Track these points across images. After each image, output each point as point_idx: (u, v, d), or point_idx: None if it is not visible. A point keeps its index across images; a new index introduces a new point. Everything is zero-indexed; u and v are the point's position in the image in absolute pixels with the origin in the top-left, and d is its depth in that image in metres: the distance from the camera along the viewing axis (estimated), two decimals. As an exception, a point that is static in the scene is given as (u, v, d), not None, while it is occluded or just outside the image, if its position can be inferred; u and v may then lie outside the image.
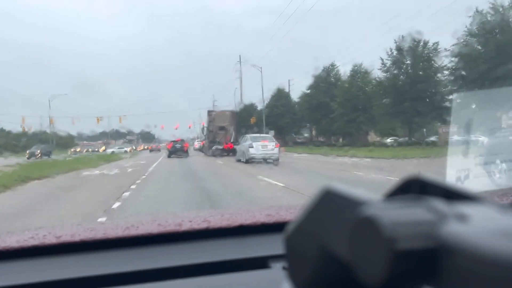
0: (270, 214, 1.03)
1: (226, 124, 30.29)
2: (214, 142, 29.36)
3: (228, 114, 31.86)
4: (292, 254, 0.37)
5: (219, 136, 29.62)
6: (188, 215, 1.11)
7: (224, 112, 32.75)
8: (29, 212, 7.28)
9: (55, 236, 0.91)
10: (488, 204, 0.29)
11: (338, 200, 0.32)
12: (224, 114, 31.80)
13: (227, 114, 31.61)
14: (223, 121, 30.41)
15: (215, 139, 29.56)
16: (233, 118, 31.38)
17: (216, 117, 31.19)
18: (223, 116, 31.22)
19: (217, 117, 31.01)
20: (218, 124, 30.32)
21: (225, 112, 32.49)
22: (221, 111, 33.21)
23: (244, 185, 10.51)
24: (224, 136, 29.54)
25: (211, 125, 31.20)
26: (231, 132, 29.94)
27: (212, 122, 30.94)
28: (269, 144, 19.19)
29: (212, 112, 32.78)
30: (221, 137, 29.48)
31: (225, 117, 31.03)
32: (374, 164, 16.96)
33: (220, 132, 29.88)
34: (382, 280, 0.26)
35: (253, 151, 18.78)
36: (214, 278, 0.77)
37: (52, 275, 0.78)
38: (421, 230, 0.26)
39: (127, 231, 0.94)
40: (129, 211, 6.93)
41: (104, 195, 9.18)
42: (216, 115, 31.62)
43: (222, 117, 30.99)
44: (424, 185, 0.32)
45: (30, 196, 10.02)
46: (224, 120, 30.61)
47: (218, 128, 30.08)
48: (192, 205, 7.40)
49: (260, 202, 7.40)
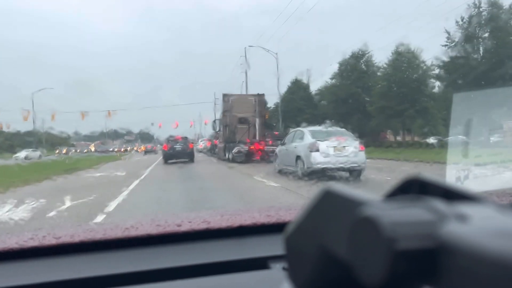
0: (270, 215, 1.03)
1: (250, 115, 20.54)
2: (232, 140, 20.10)
3: (252, 99, 21.30)
4: (292, 254, 0.37)
5: (239, 133, 20.14)
6: (187, 216, 1.11)
7: (246, 96, 22.36)
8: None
9: (55, 237, 0.91)
10: (487, 204, 0.29)
11: (338, 200, 0.32)
12: (246, 99, 21.56)
13: (250, 100, 21.25)
14: (246, 110, 20.61)
15: (234, 136, 20.20)
16: (260, 106, 21.13)
17: (235, 104, 20.98)
18: (245, 102, 21.14)
19: (237, 104, 20.95)
20: (238, 114, 20.62)
21: (248, 97, 21.95)
22: (242, 95, 23.26)
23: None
24: (246, 132, 20.16)
25: (227, 116, 21.10)
26: (257, 126, 20.38)
27: (229, 111, 20.89)
28: (349, 144, 10.63)
29: (229, 97, 21.50)
30: (242, 133, 20.05)
31: (248, 104, 20.97)
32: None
33: (241, 126, 20.34)
34: (382, 280, 0.26)
35: (318, 156, 10.33)
36: (214, 278, 0.77)
37: (51, 276, 0.77)
38: (421, 230, 0.26)
39: (126, 232, 0.94)
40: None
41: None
42: (235, 101, 21.22)
43: (244, 103, 21.00)
44: (423, 185, 0.32)
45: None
46: (247, 108, 20.69)
47: (237, 120, 20.51)
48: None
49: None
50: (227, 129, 21.07)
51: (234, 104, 21.03)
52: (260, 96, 21.77)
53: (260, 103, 21.37)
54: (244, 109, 20.69)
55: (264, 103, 22.44)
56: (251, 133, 20.25)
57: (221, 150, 22.65)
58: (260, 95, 21.83)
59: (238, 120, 20.58)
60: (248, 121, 20.47)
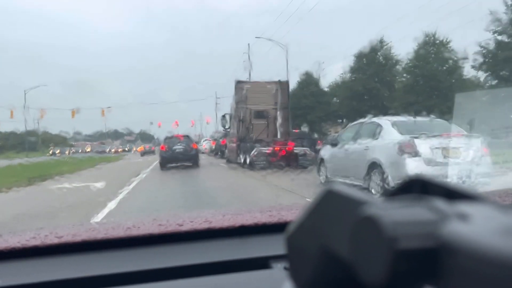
0: (272, 215, 1.03)
1: (270, 107, 16.61)
2: (247, 140, 16.07)
3: (272, 87, 16.81)
4: (294, 254, 0.37)
5: (256, 130, 16.27)
6: (189, 216, 1.11)
7: (265, 84, 17.24)
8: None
9: (57, 236, 0.91)
10: (489, 203, 0.29)
11: (339, 200, 0.32)
12: (265, 88, 16.92)
13: (270, 88, 16.80)
14: (264, 101, 16.63)
15: (249, 134, 16.22)
16: (282, 95, 16.78)
17: (250, 93, 16.72)
18: (264, 91, 16.75)
19: (253, 94, 16.71)
20: (255, 106, 16.58)
21: (267, 85, 17.05)
22: (259, 83, 17.83)
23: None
24: (264, 129, 16.33)
25: (241, 109, 16.88)
26: (278, 120, 16.39)
27: (244, 103, 16.73)
28: (466, 144, 6.55)
29: (244, 85, 17.40)
30: (259, 131, 16.18)
31: (267, 93, 16.69)
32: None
33: (259, 121, 16.42)
34: (384, 280, 0.26)
35: (417, 164, 6.37)
36: (216, 278, 0.77)
37: (53, 275, 0.78)
38: (422, 229, 0.26)
39: (128, 231, 0.94)
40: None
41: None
42: (251, 90, 16.91)
43: (262, 93, 16.69)
44: (425, 184, 0.32)
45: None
46: (266, 98, 16.67)
47: (254, 114, 16.51)
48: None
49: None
50: (240, 125, 16.69)
51: (249, 94, 16.65)
52: (282, 83, 17.15)
53: (283, 92, 16.84)
54: (262, 100, 16.59)
55: (287, 93, 17.33)
56: (271, 130, 16.29)
57: (232, 151, 17.89)
58: (283, 83, 17.27)
59: (255, 114, 16.47)
60: (267, 115, 16.45)
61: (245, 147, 15.84)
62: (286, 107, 17.03)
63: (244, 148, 15.84)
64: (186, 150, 16.96)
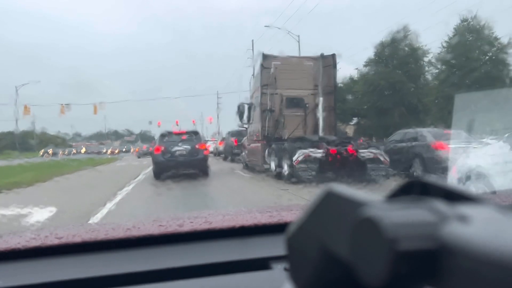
0: (272, 215, 1.03)
1: (308, 92, 12.30)
2: (276, 137, 11.81)
3: (311, 64, 12.51)
4: (294, 255, 0.37)
5: (289, 124, 11.99)
6: (189, 216, 1.11)
7: (301, 61, 12.91)
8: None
9: (57, 237, 0.91)
10: (489, 205, 0.29)
11: (340, 201, 0.32)
12: (301, 65, 12.52)
13: (308, 67, 12.48)
14: (300, 85, 12.23)
15: (280, 130, 12.02)
16: (326, 76, 12.37)
17: (281, 73, 12.14)
18: (299, 71, 12.33)
19: (285, 74, 12.15)
20: (288, 91, 12.23)
21: (304, 61, 12.77)
22: (293, 59, 13.24)
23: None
24: (301, 123, 12.16)
25: (267, 95, 12.18)
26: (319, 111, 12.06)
27: (271, 87, 12.14)
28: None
29: (271, 61, 12.33)
30: (294, 125, 11.97)
31: (303, 73, 12.33)
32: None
33: (293, 112, 12.19)
34: (383, 281, 0.26)
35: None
36: (215, 279, 0.77)
37: (53, 276, 0.78)
38: (422, 231, 0.26)
39: (128, 232, 0.94)
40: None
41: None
42: (282, 68, 12.21)
43: (298, 72, 12.26)
44: (425, 186, 0.32)
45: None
46: (303, 81, 12.28)
47: (286, 102, 12.20)
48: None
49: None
50: (268, 117, 11.94)
51: (280, 74, 11.94)
52: (325, 59, 12.29)
53: (326, 71, 12.17)
54: (298, 82, 12.05)
55: (332, 72, 12.42)
56: (310, 124, 12.07)
57: (254, 154, 12.89)
58: (326, 58, 12.32)
59: (288, 102, 12.05)
60: (303, 104, 12.04)
61: (279, 149, 10.84)
62: (331, 92, 12.34)
63: (278, 150, 10.89)
64: (191, 152, 11.91)
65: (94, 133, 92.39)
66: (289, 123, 11.96)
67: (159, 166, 12.13)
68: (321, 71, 12.26)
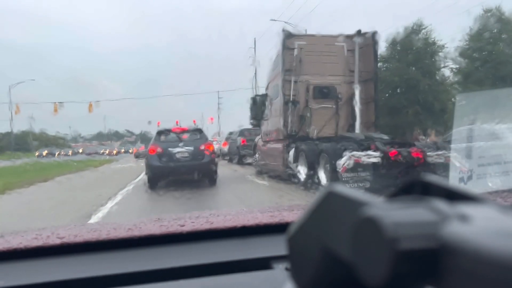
0: (273, 215, 1.03)
1: (340, 80, 9.81)
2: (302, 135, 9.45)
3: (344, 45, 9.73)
4: (295, 255, 0.37)
5: (317, 119, 9.56)
6: (191, 216, 1.12)
7: (331, 39, 9.78)
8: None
9: (58, 237, 0.91)
10: (490, 205, 0.29)
11: (341, 201, 0.32)
12: (331, 45, 9.73)
13: (339, 48, 9.73)
14: (330, 70, 9.65)
15: (307, 126, 9.53)
16: (364, 57, 9.70)
17: (307, 55, 9.44)
18: (331, 51, 9.72)
19: (311, 56, 9.46)
20: (316, 78, 9.61)
21: (335, 41, 9.76)
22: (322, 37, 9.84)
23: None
24: (332, 117, 9.74)
25: (290, 83, 9.44)
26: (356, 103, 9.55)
27: (295, 72, 9.43)
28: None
29: (295, 40, 9.44)
30: (324, 121, 9.61)
31: (334, 55, 9.73)
32: None
33: (322, 104, 9.73)
34: (384, 280, 0.26)
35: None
36: (217, 278, 0.77)
37: (55, 276, 0.78)
38: (423, 230, 0.26)
39: (130, 232, 0.94)
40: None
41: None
42: (309, 48, 9.44)
43: (328, 54, 9.65)
44: (426, 186, 0.32)
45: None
46: (335, 64, 9.74)
47: (314, 91, 9.67)
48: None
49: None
50: (291, 111, 9.60)
51: (306, 57, 9.54)
52: (363, 37, 9.84)
53: (365, 52, 9.81)
54: (328, 67, 9.69)
55: (372, 54, 9.98)
56: (343, 119, 9.83)
57: (274, 157, 10.42)
58: (364, 36, 9.85)
59: (316, 92, 9.75)
60: (335, 94, 9.80)
61: (311, 150, 8.47)
62: (370, 78, 9.82)
63: (309, 152, 8.48)
64: (194, 155, 9.45)
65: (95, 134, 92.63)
66: (317, 118, 9.55)
67: (155, 172, 9.37)
68: (357, 53, 9.68)
